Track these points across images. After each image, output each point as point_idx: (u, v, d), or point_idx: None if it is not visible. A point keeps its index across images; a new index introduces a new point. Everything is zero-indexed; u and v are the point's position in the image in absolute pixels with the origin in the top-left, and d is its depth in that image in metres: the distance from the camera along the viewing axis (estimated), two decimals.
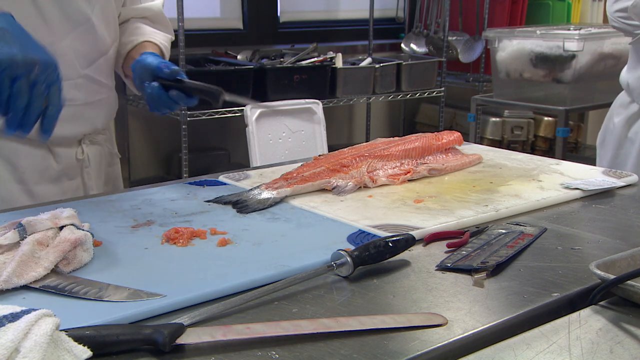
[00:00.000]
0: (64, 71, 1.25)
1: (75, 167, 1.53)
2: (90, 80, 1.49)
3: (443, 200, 1.28)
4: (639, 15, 2.03)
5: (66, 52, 1.41)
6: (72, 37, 1.42)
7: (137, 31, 1.58)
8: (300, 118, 3.55)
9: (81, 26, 1.43)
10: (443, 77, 4.16)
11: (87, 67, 1.48)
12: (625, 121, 2.22)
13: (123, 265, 0.99)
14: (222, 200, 1.29)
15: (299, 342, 0.77)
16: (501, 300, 0.89)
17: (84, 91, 1.48)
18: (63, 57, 1.35)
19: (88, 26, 1.44)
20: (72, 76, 1.43)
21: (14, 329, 0.67)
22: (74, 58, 1.44)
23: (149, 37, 1.57)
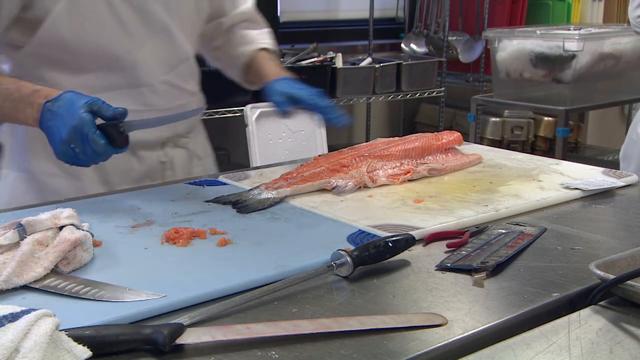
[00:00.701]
0: (144, 78, 1.45)
1: (157, 169, 1.56)
2: (170, 85, 1.51)
3: (443, 200, 1.28)
4: None
5: (146, 59, 1.44)
6: (151, 44, 1.45)
7: (243, 40, 1.66)
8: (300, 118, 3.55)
9: (160, 33, 1.46)
10: (443, 77, 4.15)
11: (167, 74, 1.50)
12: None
13: (123, 265, 0.99)
14: (222, 200, 1.29)
15: (299, 342, 0.77)
16: (501, 300, 0.89)
17: (165, 97, 1.50)
18: (143, 64, 1.44)
19: (167, 33, 1.47)
20: (152, 82, 1.47)
21: (13, 329, 0.67)
22: (154, 64, 1.47)
23: (259, 43, 1.65)
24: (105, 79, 1.42)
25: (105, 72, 1.42)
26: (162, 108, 1.50)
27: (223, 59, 1.73)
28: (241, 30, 1.68)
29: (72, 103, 1.19)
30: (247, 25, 1.70)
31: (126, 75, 1.44)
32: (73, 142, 1.17)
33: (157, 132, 1.49)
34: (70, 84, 1.36)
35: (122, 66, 1.42)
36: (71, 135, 1.17)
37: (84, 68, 1.40)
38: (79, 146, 1.17)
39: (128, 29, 1.40)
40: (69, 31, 1.34)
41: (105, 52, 1.40)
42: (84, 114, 1.17)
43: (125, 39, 1.40)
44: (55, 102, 1.21)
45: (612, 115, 5.12)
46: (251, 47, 1.65)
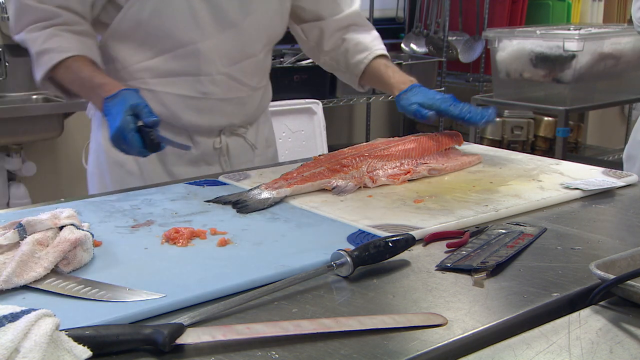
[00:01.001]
0: (205, 68, 1.54)
1: (212, 154, 1.64)
2: (229, 77, 1.58)
3: (443, 200, 1.28)
4: None
5: (209, 50, 1.53)
6: (218, 39, 1.53)
7: (358, 48, 1.71)
8: (300, 118, 3.55)
9: (228, 30, 1.54)
10: (443, 77, 4.15)
11: (228, 67, 1.57)
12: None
13: (123, 265, 0.99)
14: (222, 200, 1.29)
15: (299, 342, 0.77)
16: (501, 300, 0.89)
17: (222, 87, 1.57)
18: (206, 55, 1.53)
19: (236, 31, 1.55)
20: (211, 72, 1.55)
21: (13, 329, 0.67)
22: (215, 57, 1.54)
23: (375, 50, 1.70)
24: (169, 63, 1.52)
25: (170, 57, 1.52)
26: (218, 98, 1.58)
27: (337, 66, 1.76)
28: (353, 36, 1.71)
29: (121, 103, 1.34)
30: (355, 29, 1.73)
31: (189, 63, 1.53)
32: (118, 139, 1.32)
33: (211, 120, 1.59)
34: (140, 66, 1.53)
35: (186, 54, 1.52)
36: (115, 134, 1.32)
37: (153, 51, 1.52)
38: (123, 142, 1.32)
39: (198, 21, 1.50)
40: (146, 14, 1.47)
41: (173, 38, 1.50)
42: (128, 116, 1.31)
43: (194, 29, 1.50)
44: (111, 100, 1.36)
45: (612, 115, 5.12)
46: (368, 55, 1.69)
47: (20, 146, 3.26)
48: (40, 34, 1.46)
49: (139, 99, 1.35)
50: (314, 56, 1.81)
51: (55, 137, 3.33)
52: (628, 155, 2.30)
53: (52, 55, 1.45)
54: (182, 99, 1.53)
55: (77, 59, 1.46)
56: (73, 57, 1.45)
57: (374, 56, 1.70)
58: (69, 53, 1.45)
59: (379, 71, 1.68)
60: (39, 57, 1.47)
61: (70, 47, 1.45)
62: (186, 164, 1.61)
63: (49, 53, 1.45)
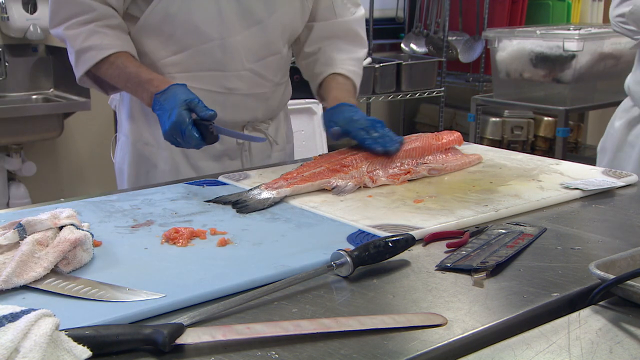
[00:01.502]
0: (231, 63, 1.58)
1: (235, 149, 1.67)
2: (254, 73, 1.61)
3: (443, 200, 1.28)
4: (636, 22, 2.06)
5: (235, 46, 1.56)
6: (243, 35, 1.56)
7: (327, 61, 1.71)
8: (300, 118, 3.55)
9: (254, 27, 1.57)
10: (443, 77, 4.15)
11: (253, 62, 1.60)
12: (626, 124, 2.23)
13: (123, 265, 0.99)
14: (222, 200, 1.29)
15: (299, 342, 0.77)
16: (501, 300, 0.89)
17: (246, 83, 1.61)
18: (232, 50, 1.56)
19: (261, 28, 1.58)
20: (237, 68, 1.59)
21: (13, 329, 0.67)
22: (241, 53, 1.58)
23: (337, 68, 1.69)
24: (196, 58, 1.55)
25: (196, 52, 1.55)
26: (242, 93, 1.61)
27: (306, 71, 1.78)
28: (329, 48, 1.71)
29: (174, 98, 1.38)
30: (339, 44, 1.72)
31: (214, 59, 1.56)
32: (174, 133, 1.35)
33: (235, 115, 1.62)
34: (166, 61, 1.56)
35: (212, 49, 1.55)
36: (172, 128, 1.35)
37: (180, 45, 1.55)
38: (179, 136, 1.35)
39: (225, 17, 1.53)
40: (175, 8, 1.50)
41: (200, 33, 1.53)
42: (183, 111, 1.34)
43: (221, 24, 1.53)
44: (162, 95, 1.40)
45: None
46: (329, 69, 1.70)
47: (20, 146, 3.26)
48: (80, 30, 1.49)
49: (191, 94, 1.38)
50: (297, 57, 1.81)
51: (55, 137, 3.34)
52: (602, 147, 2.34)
53: (94, 52, 1.49)
54: (208, 94, 1.54)
55: (120, 55, 1.50)
56: (116, 53, 1.50)
57: (333, 72, 1.68)
58: (111, 50, 1.49)
59: (328, 87, 1.68)
60: (81, 54, 1.51)
61: (112, 43, 1.50)
62: (210, 159, 1.64)
63: (91, 50, 1.49)
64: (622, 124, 2.24)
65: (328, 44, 1.72)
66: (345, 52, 1.72)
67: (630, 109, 2.23)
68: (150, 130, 1.64)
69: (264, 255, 1.02)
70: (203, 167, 1.64)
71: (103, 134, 3.72)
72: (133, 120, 1.66)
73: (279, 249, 1.05)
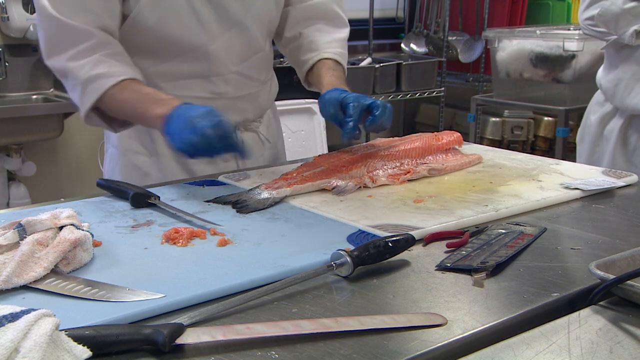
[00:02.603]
0: (216, 68, 1.56)
1: None
2: (240, 75, 1.61)
3: (443, 200, 1.28)
4: (605, 24, 2.10)
5: (219, 51, 1.55)
6: (225, 38, 1.55)
7: (311, 47, 1.66)
8: (300, 118, 3.56)
9: (234, 28, 1.55)
10: (443, 77, 4.16)
11: (238, 64, 1.60)
12: (600, 119, 2.28)
13: (123, 265, 0.99)
14: (222, 200, 1.29)
15: (299, 342, 0.77)
16: (501, 300, 0.89)
17: (234, 86, 1.60)
18: (216, 56, 1.54)
19: (241, 28, 1.56)
20: (223, 72, 1.58)
21: (13, 329, 0.67)
22: (226, 56, 1.56)
23: (324, 52, 1.64)
24: (180, 68, 1.54)
25: (180, 62, 1.53)
26: (231, 96, 1.60)
27: (291, 58, 1.74)
28: (310, 32, 1.67)
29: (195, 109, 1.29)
30: (318, 24, 1.68)
31: (199, 65, 1.54)
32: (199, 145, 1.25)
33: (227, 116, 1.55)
34: (151, 70, 1.53)
35: (196, 57, 1.53)
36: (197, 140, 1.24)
37: (163, 57, 1.53)
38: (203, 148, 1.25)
39: (204, 23, 1.50)
40: (152, 21, 1.47)
41: (181, 43, 1.51)
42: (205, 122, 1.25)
43: (201, 32, 1.51)
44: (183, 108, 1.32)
45: None
46: (315, 55, 1.65)
47: (20, 146, 3.26)
48: (86, 60, 1.41)
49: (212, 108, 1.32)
50: (279, 46, 1.77)
51: (55, 137, 3.34)
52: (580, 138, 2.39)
53: (104, 80, 1.41)
54: (197, 100, 1.50)
55: (133, 81, 1.43)
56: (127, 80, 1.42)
57: (321, 58, 1.64)
58: (122, 77, 1.42)
59: (319, 72, 1.63)
60: (89, 83, 1.42)
61: (120, 71, 1.43)
62: (203, 162, 1.61)
63: (100, 78, 1.41)
64: (596, 119, 2.30)
65: (308, 27, 1.68)
66: (327, 33, 1.67)
67: (604, 103, 2.27)
68: (139, 140, 1.61)
69: (263, 255, 1.02)
70: (197, 170, 1.62)
71: (103, 134, 3.72)
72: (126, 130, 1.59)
73: (278, 249, 1.05)
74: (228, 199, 1.29)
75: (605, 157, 2.24)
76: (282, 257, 1.00)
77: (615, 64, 2.17)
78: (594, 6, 2.12)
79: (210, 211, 1.24)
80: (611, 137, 2.22)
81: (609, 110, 2.24)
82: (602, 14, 2.08)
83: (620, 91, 2.15)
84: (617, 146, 2.20)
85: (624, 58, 2.13)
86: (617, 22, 2.06)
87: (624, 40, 2.07)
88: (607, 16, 2.08)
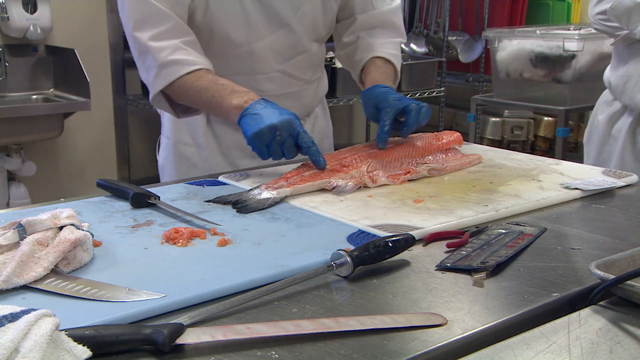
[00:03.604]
0: (260, 66, 1.63)
1: None
2: (284, 74, 1.66)
3: (443, 200, 1.28)
4: (618, 18, 2.08)
5: (263, 50, 1.61)
6: (271, 38, 1.60)
7: (367, 47, 1.73)
8: None
9: (281, 29, 1.61)
10: (443, 77, 4.16)
11: (282, 64, 1.65)
12: (608, 119, 2.27)
13: (123, 265, 0.99)
14: (222, 200, 1.29)
15: (299, 342, 0.77)
16: (501, 300, 0.89)
17: (278, 84, 1.65)
18: (260, 54, 1.60)
19: (287, 29, 1.61)
20: (267, 70, 1.63)
21: (13, 329, 0.67)
22: (270, 55, 1.62)
23: (377, 52, 1.71)
24: (225, 64, 1.58)
25: (225, 59, 1.59)
26: (275, 94, 1.62)
27: (348, 62, 1.80)
28: (369, 38, 1.73)
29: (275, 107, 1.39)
30: (378, 32, 1.74)
31: (244, 63, 1.60)
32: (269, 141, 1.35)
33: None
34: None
35: (241, 54, 1.59)
36: (282, 124, 1.34)
37: (209, 53, 1.56)
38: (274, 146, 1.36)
39: (252, 23, 1.56)
40: (201, 16, 1.53)
41: (227, 40, 1.57)
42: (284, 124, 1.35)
43: (248, 30, 1.57)
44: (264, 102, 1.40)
45: None
46: (369, 54, 1.71)
47: (20, 146, 3.26)
48: (166, 44, 1.49)
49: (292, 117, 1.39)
50: (336, 48, 1.84)
51: (55, 137, 3.34)
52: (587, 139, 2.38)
53: (180, 66, 1.48)
54: None
55: (208, 71, 1.50)
56: (203, 69, 1.50)
57: (373, 56, 1.71)
58: (198, 66, 1.49)
59: (367, 70, 1.69)
60: (164, 67, 1.49)
61: (197, 60, 1.50)
62: (247, 157, 1.67)
63: (177, 64, 1.48)
64: (604, 118, 2.28)
65: (366, 33, 1.75)
66: (383, 37, 1.75)
67: (612, 102, 2.26)
68: (189, 132, 1.71)
69: (263, 255, 1.02)
70: (241, 164, 1.69)
71: (103, 134, 3.72)
72: (176, 122, 1.72)
73: (279, 249, 1.05)
74: (228, 199, 1.29)
75: (613, 157, 2.22)
76: (282, 257, 1.00)
77: (625, 60, 2.15)
78: (605, 0, 2.10)
79: (210, 211, 1.24)
80: (619, 136, 2.21)
81: (618, 109, 2.23)
82: (614, 8, 2.07)
83: (630, 88, 2.14)
84: (626, 145, 2.19)
85: (635, 54, 2.12)
86: (630, 16, 2.05)
87: (635, 35, 2.05)
88: (619, 10, 2.06)
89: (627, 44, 2.13)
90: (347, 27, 1.76)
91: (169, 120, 1.75)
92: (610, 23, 2.13)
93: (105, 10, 3.59)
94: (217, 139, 1.72)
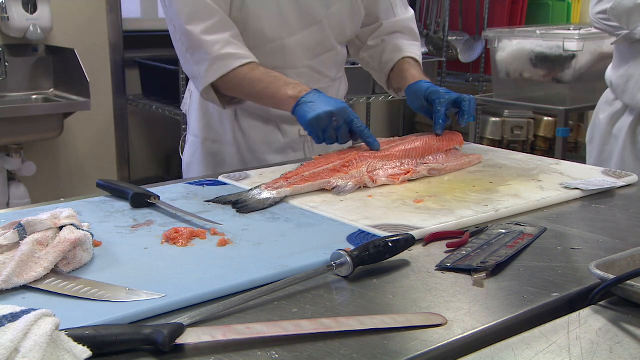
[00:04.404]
0: (290, 61, 1.69)
1: (298, 141, 1.81)
2: (312, 70, 1.73)
3: (443, 200, 1.28)
4: (618, 17, 2.08)
5: (294, 45, 1.67)
6: (302, 35, 1.66)
7: (394, 49, 1.80)
8: None
9: (312, 26, 1.67)
10: (443, 77, 4.15)
11: (311, 60, 1.72)
12: (609, 118, 2.27)
13: (123, 265, 0.99)
14: (222, 200, 1.29)
15: (299, 342, 0.77)
16: (501, 300, 0.89)
17: (305, 79, 1.67)
18: (291, 50, 1.67)
19: (318, 27, 1.68)
20: (296, 65, 1.69)
21: (13, 329, 0.67)
22: (300, 51, 1.68)
23: (406, 52, 1.79)
24: (258, 58, 1.60)
25: (259, 53, 1.61)
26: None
27: (372, 63, 1.86)
28: (395, 41, 1.81)
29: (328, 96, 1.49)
30: (400, 36, 1.82)
31: (276, 58, 1.65)
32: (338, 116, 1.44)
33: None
34: None
35: (273, 49, 1.65)
36: (338, 111, 1.44)
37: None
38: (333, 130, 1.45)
39: (286, 19, 1.63)
40: (238, 12, 1.58)
41: (261, 35, 1.62)
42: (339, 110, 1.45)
43: (281, 27, 1.63)
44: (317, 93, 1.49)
45: None
46: (398, 55, 1.78)
47: (20, 146, 3.26)
48: (218, 38, 1.55)
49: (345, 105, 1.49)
50: (355, 52, 1.90)
51: (55, 137, 3.34)
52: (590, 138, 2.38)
53: (233, 60, 1.55)
54: None
55: (258, 64, 1.57)
56: (254, 63, 1.57)
57: (404, 56, 1.78)
58: (250, 59, 1.56)
59: (401, 68, 1.76)
60: (217, 61, 1.55)
61: (248, 54, 1.57)
62: (275, 152, 1.77)
63: (230, 58, 1.55)
64: (606, 117, 2.28)
65: (390, 37, 1.82)
66: (408, 41, 1.83)
67: (613, 102, 2.26)
68: (218, 130, 1.77)
69: (264, 255, 1.02)
70: (268, 160, 1.74)
71: (103, 134, 3.72)
72: (204, 120, 1.78)
73: (279, 249, 1.05)
74: (228, 199, 1.29)
75: (614, 156, 2.23)
76: (282, 257, 1.00)
77: (627, 59, 2.16)
78: (606, 0, 2.11)
79: (210, 211, 1.24)
80: (620, 135, 2.21)
81: (619, 109, 2.23)
82: (614, 8, 2.07)
83: (632, 87, 2.14)
84: (627, 144, 2.19)
85: (636, 54, 2.12)
86: (630, 16, 2.05)
87: (635, 35, 2.05)
88: (619, 10, 2.06)
89: (628, 44, 2.13)
90: (372, 32, 1.83)
91: (196, 119, 1.80)
92: (610, 22, 2.13)
93: (105, 10, 3.59)
94: (245, 135, 1.77)
